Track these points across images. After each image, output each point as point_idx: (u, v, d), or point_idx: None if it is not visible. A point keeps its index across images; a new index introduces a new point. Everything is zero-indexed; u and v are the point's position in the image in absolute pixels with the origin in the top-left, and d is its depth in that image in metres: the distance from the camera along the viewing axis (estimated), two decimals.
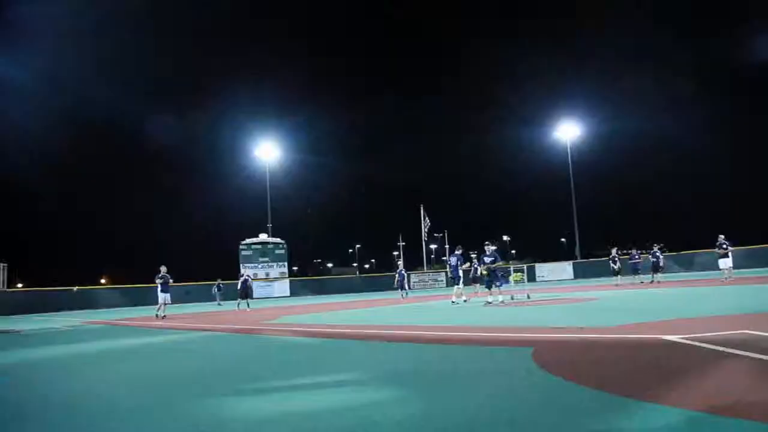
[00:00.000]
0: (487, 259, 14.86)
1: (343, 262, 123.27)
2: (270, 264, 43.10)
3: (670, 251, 38.83)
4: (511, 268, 18.11)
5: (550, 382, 4.06)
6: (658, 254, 24.05)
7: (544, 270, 45.49)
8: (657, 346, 5.36)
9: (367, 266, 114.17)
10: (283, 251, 44.61)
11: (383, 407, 3.62)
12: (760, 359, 4.26)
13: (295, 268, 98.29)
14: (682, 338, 5.60)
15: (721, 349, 4.84)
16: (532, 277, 41.48)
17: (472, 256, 19.30)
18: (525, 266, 17.58)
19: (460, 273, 16.47)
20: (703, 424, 2.75)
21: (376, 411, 3.50)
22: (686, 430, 2.67)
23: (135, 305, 32.74)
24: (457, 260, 16.54)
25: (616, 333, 6.66)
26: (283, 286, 43.36)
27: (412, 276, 48.12)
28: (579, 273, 43.40)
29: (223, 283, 34.05)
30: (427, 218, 49.65)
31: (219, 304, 31.39)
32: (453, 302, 15.61)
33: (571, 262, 46.14)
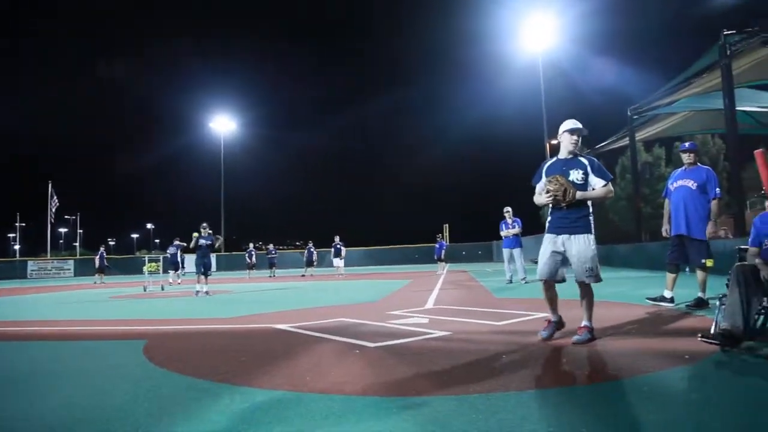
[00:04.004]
0: (203, 242, 13.53)
1: None
2: None
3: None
4: (146, 258, 17.20)
5: (154, 373, 3.94)
6: (312, 250, 26.17)
7: (186, 260, 44.77)
8: (267, 334, 5.76)
9: None
10: None
11: None
12: (345, 342, 4.97)
13: None
14: (290, 326, 6.16)
15: (317, 334, 5.48)
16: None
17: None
18: (162, 257, 16.95)
19: (178, 260, 19.97)
20: (282, 401, 3.03)
21: None
22: (265, 408, 2.90)
23: None
24: (177, 249, 19.27)
25: (235, 323, 6.93)
26: None
27: (30, 263, 41.53)
28: (222, 265, 44.10)
29: None
30: (55, 197, 43.60)
31: None
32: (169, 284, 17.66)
33: (214, 254, 46.54)
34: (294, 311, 8.19)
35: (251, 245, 27.13)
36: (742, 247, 4.73)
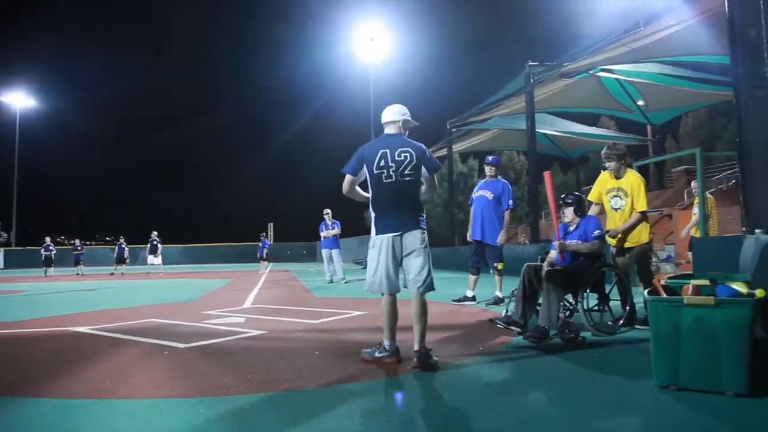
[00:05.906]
0: None
1: None
2: None
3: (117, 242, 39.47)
4: None
5: None
6: (123, 246, 24.03)
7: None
8: (63, 338, 5.24)
9: None
10: None
11: None
12: (154, 343, 4.72)
13: None
14: (92, 329, 5.67)
15: (123, 336, 5.12)
16: None
17: None
18: None
19: None
20: (76, 410, 2.78)
21: None
22: (54, 419, 2.65)
23: None
24: None
25: (25, 327, 6.15)
26: None
27: None
28: (13, 262, 39.10)
29: None
30: None
31: None
32: None
33: (2, 249, 40.98)
34: (99, 312, 7.53)
35: (48, 239, 24.37)
36: (546, 250, 5.40)
